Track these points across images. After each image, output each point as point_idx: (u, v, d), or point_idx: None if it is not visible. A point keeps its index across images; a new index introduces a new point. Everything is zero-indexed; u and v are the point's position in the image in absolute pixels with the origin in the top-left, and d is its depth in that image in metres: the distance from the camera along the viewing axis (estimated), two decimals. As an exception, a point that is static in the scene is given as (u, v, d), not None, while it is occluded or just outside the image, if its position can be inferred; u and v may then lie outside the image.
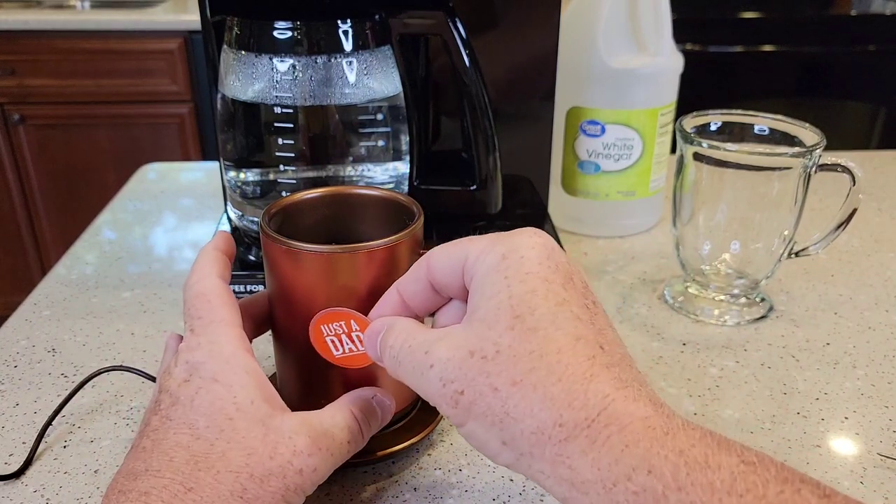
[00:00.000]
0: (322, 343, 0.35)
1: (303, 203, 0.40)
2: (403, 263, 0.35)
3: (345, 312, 0.34)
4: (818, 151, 0.50)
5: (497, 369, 0.26)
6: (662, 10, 0.63)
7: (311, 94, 0.51)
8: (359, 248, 0.34)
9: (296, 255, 0.34)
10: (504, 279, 0.28)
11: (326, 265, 0.34)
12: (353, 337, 0.35)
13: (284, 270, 0.35)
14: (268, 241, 0.35)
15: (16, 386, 0.48)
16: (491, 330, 0.27)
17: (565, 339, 0.26)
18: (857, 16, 1.66)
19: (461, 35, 0.51)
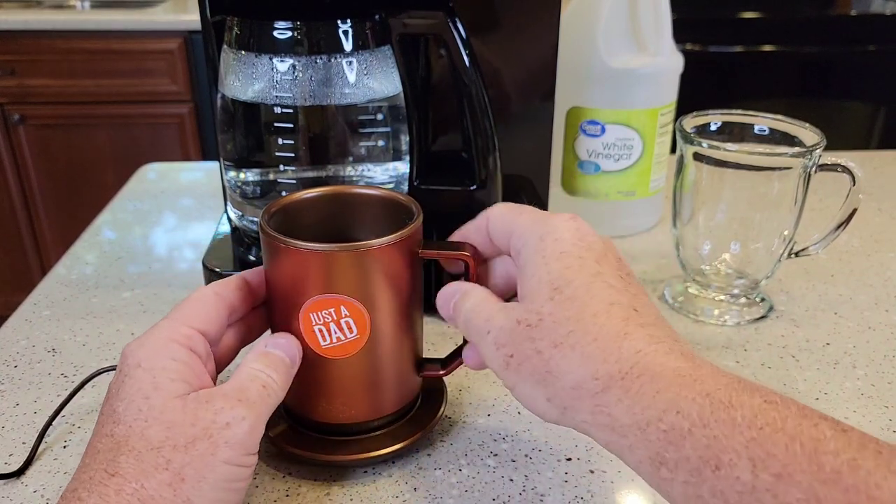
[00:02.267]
0: (310, 332, 0.35)
1: (303, 202, 0.40)
2: (402, 263, 0.36)
3: (335, 298, 0.35)
4: (818, 151, 0.50)
5: (540, 335, 0.30)
6: (662, 10, 0.63)
7: (311, 94, 0.51)
8: (357, 247, 0.34)
9: (294, 254, 0.34)
10: (542, 258, 0.31)
11: (325, 263, 0.34)
12: (343, 324, 0.35)
13: (283, 268, 0.35)
14: (267, 240, 0.35)
15: (16, 386, 0.48)
16: (534, 303, 0.30)
17: (600, 304, 0.29)
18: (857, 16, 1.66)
19: (461, 35, 0.51)
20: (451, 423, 0.45)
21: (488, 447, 0.43)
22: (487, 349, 0.32)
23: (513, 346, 0.30)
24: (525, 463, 0.42)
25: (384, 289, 0.36)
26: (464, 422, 0.45)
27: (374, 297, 0.35)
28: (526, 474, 0.41)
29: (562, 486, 0.40)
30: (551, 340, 0.29)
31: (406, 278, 0.37)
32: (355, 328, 0.35)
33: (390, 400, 0.40)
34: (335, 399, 0.38)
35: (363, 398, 0.39)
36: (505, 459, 0.42)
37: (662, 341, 0.28)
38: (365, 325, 0.36)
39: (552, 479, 0.41)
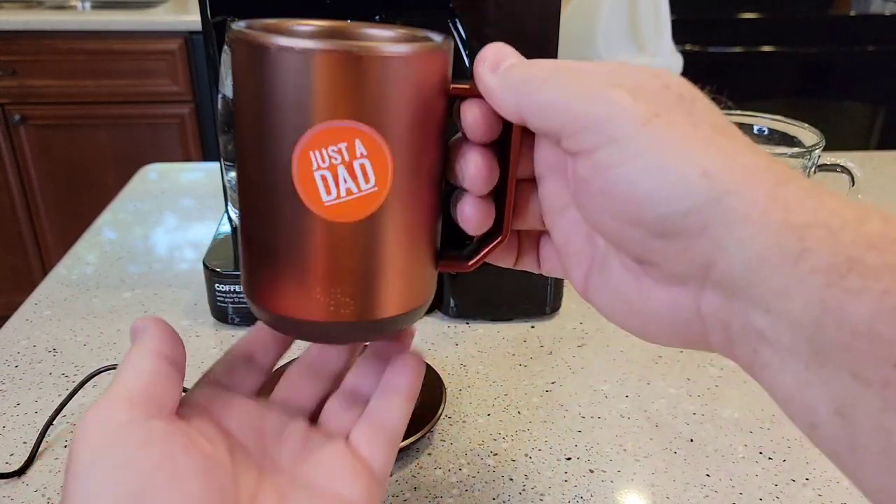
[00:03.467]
0: (308, 181, 0.25)
1: (293, 31, 0.29)
2: (433, 89, 0.26)
3: (350, 127, 0.25)
4: (817, 152, 0.50)
5: (697, 110, 0.23)
6: (662, 11, 0.63)
7: (312, 95, 0.51)
8: (384, 51, 0.24)
9: (291, 56, 0.24)
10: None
11: (339, 70, 0.24)
12: (356, 169, 0.25)
13: (271, 85, 0.25)
14: (244, 44, 0.25)
15: (17, 386, 0.48)
16: (676, 77, 0.25)
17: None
18: (857, 16, 1.66)
19: (461, 36, 0.51)
20: (450, 423, 0.45)
21: (488, 447, 0.43)
22: (613, 97, 0.23)
23: (659, 105, 0.23)
24: (525, 462, 0.42)
25: (412, 121, 0.26)
26: (464, 421, 0.45)
27: (401, 130, 0.26)
28: (526, 474, 0.41)
29: (561, 485, 0.40)
30: (710, 123, 0.23)
31: (436, 114, 0.27)
32: (373, 176, 0.25)
33: (403, 294, 0.28)
34: (332, 284, 0.27)
35: (371, 286, 0.27)
36: (505, 459, 0.42)
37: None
38: (386, 173, 0.25)
39: (552, 479, 0.41)
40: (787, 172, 0.22)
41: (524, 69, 0.26)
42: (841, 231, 0.20)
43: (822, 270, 0.20)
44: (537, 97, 0.25)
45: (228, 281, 0.53)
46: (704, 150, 0.22)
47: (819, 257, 0.20)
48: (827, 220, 0.20)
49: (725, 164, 0.22)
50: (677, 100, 0.23)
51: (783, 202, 0.21)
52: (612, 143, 0.23)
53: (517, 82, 0.25)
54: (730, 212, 0.21)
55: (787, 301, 0.20)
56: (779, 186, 0.21)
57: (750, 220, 0.21)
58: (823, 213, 0.20)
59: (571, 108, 0.24)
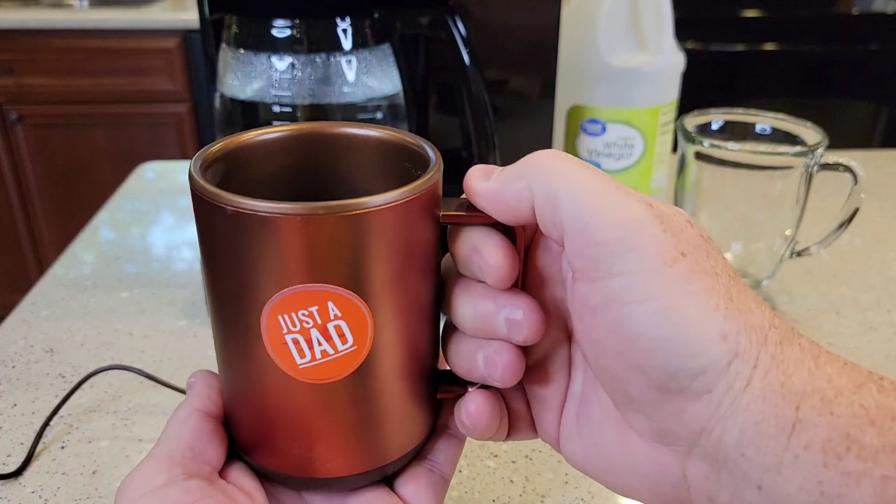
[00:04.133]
0: (279, 345, 0.23)
1: (258, 146, 0.27)
2: (418, 231, 0.24)
3: (320, 290, 0.22)
4: (820, 151, 0.50)
5: (715, 255, 0.21)
6: (664, 8, 0.63)
7: (310, 93, 0.50)
8: (354, 207, 0.22)
9: (253, 221, 0.22)
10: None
11: (304, 234, 0.22)
12: (331, 330, 0.23)
13: (234, 246, 0.23)
14: (204, 200, 0.23)
15: (14, 386, 0.48)
16: (689, 216, 0.23)
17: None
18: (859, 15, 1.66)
19: (461, 33, 0.51)
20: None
21: (489, 448, 0.43)
22: (642, 220, 0.21)
23: (686, 244, 0.21)
24: (525, 464, 0.41)
25: (394, 273, 0.23)
26: (464, 422, 0.45)
27: (380, 285, 0.23)
28: (526, 475, 0.41)
29: (562, 487, 0.40)
30: (725, 269, 0.21)
31: (422, 254, 0.24)
32: (350, 336, 0.23)
33: (399, 439, 0.26)
34: (317, 444, 0.25)
35: (360, 442, 0.25)
36: (505, 460, 0.42)
37: None
38: (365, 331, 0.23)
39: (552, 481, 0.40)
40: (788, 329, 0.21)
41: (524, 164, 0.23)
42: (836, 401, 0.19)
43: (817, 448, 0.18)
44: (553, 182, 0.22)
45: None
46: (725, 308, 0.20)
47: (815, 431, 0.19)
48: (822, 388, 0.19)
49: (742, 323, 0.20)
50: (700, 239, 0.21)
51: (783, 366, 0.20)
52: (631, 274, 0.20)
53: (523, 169, 0.23)
54: (736, 378, 0.20)
55: (780, 479, 0.19)
56: (781, 346, 0.20)
57: (751, 387, 0.20)
58: (819, 379, 0.19)
59: (593, 213, 0.21)
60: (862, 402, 0.19)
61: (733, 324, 0.20)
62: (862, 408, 0.18)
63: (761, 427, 0.19)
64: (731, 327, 0.20)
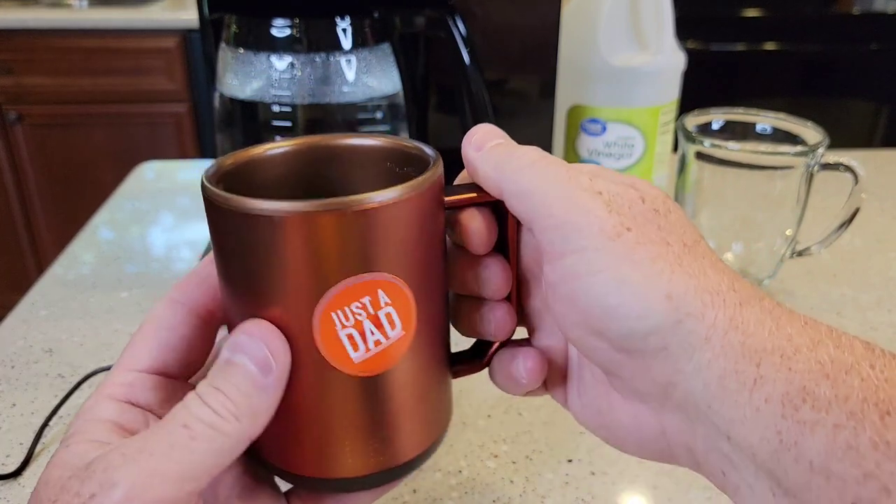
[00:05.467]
0: (333, 343, 0.23)
1: (266, 160, 0.28)
2: (434, 217, 0.25)
3: (372, 280, 0.23)
4: (820, 150, 0.50)
5: (669, 227, 0.23)
6: (664, 8, 0.63)
7: (310, 93, 0.50)
8: (388, 199, 0.23)
9: (299, 222, 0.22)
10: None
11: (353, 229, 0.22)
12: (382, 319, 0.23)
13: (278, 253, 0.23)
14: (218, 207, 0.23)
15: (13, 386, 0.48)
16: (653, 189, 0.25)
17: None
18: (860, 14, 1.66)
19: (461, 33, 0.51)
20: (450, 425, 0.44)
21: (489, 448, 0.43)
22: (588, 205, 0.23)
23: (632, 220, 0.23)
24: (526, 464, 0.41)
25: (423, 253, 0.25)
26: (464, 423, 0.45)
27: (416, 269, 0.24)
28: (526, 476, 0.41)
29: (563, 487, 0.40)
30: (680, 238, 0.23)
31: (439, 239, 0.26)
32: (399, 321, 0.24)
33: (432, 426, 0.27)
34: (371, 438, 0.25)
35: (404, 428, 0.26)
36: (505, 461, 0.42)
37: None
38: (411, 314, 0.24)
39: (553, 481, 0.40)
40: (749, 292, 0.22)
41: (508, 149, 0.26)
42: (794, 357, 0.20)
43: (776, 400, 0.20)
44: (517, 178, 0.24)
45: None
46: (670, 272, 0.22)
47: (774, 385, 0.20)
48: (782, 346, 0.20)
49: (690, 285, 0.22)
50: (652, 214, 0.23)
51: (743, 326, 0.21)
52: (580, 251, 0.23)
53: (500, 160, 0.25)
54: (690, 335, 0.21)
55: (745, 430, 0.20)
56: (740, 308, 0.22)
57: (709, 344, 0.21)
58: (779, 338, 0.21)
59: (546, 203, 0.24)
60: (818, 358, 0.20)
61: (679, 286, 0.22)
62: (818, 363, 0.20)
63: (724, 382, 0.21)
64: (677, 289, 0.22)
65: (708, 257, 0.23)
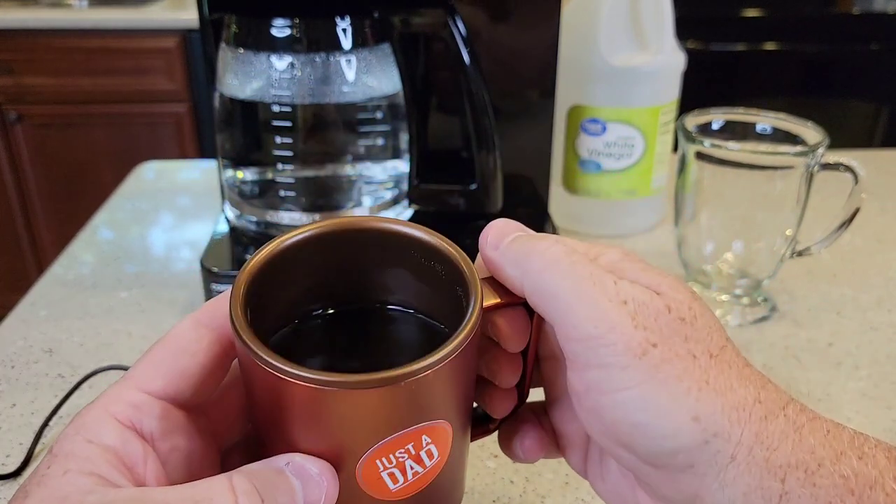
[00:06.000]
0: (375, 481, 0.24)
1: (286, 253, 0.26)
2: (473, 354, 0.25)
3: (415, 431, 0.24)
4: (821, 150, 0.50)
5: (696, 336, 0.23)
6: (664, 8, 0.63)
7: (310, 93, 0.50)
8: (438, 361, 0.22)
9: (347, 397, 0.22)
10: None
11: (399, 396, 0.23)
12: (423, 456, 0.24)
13: (324, 417, 0.23)
14: (255, 363, 0.22)
15: (13, 386, 0.48)
16: (679, 292, 0.24)
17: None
18: (860, 14, 1.66)
19: (461, 33, 0.51)
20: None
21: (489, 448, 0.42)
22: (614, 318, 0.22)
23: (658, 333, 0.22)
24: (525, 464, 0.41)
25: (464, 391, 0.26)
26: (464, 423, 0.45)
27: (458, 409, 0.25)
28: (526, 476, 0.41)
29: (562, 488, 0.40)
30: (706, 348, 0.23)
31: (475, 370, 0.27)
32: (437, 453, 0.25)
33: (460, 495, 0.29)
34: None
35: None
36: (505, 461, 0.42)
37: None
38: (448, 443, 0.25)
39: (553, 482, 0.40)
40: (774, 401, 0.22)
41: (527, 242, 0.25)
42: (818, 472, 0.21)
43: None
44: (539, 279, 0.24)
45: (226, 281, 0.52)
46: (697, 390, 0.22)
47: (799, 502, 0.21)
48: (805, 461, 0.21)
49: (717, 405, 0.22)
50: (678, 324, 0.23)
51: (767, 441, 0.21)
52: (606, 367, 0.22)
53: (519, 256, 0.25)
54: (717, 455, 0.22)
55: None
56: (765, 421, 0.22)
57: (735, 462, 0.22)
58: (803, 451, 0.21)
59: (570, 313, 0.23)
60: (842, 472, 0.21)
61: (707, 406, 0.22)
62: (842, 478, 0.20)
63: (749, 498, 0.21)
64: (705, 409, 0.22)
65: (735, 366, 0.23)
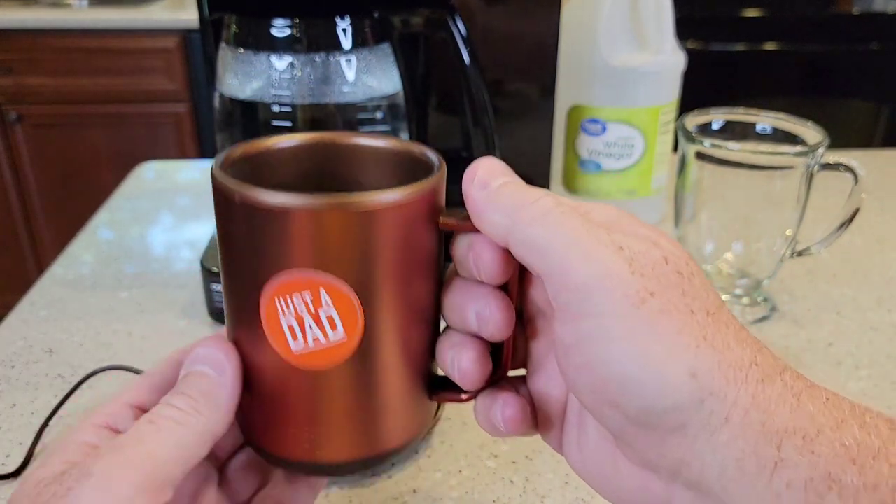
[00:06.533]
0: (276, 329, 0.25)
1: (276, 152, 0.29)
2: (416, 233, 0.25)
3: (313, 277, 0.24)
4: (821, 150, 0.50)
5: (693, 292, 0.22)
6: (664, 8, 0.63)
7: (310, 93, 0.50)
8: (354, 204, 0.23)
9: (257, 208, 0.23)
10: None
11: (302, 223, 0.23)
12: (323, 318, 0.24)
13: (240, 230, 0.24)
14: (219, 191, 0.25)
15: (13, 386, 0.48)
16: (676, 247, 0.23)
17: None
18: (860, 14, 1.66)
19: (461, 33, 0.51)
20: (450, 425, 0.44)
21: (488, 448, 0.43)
22: (611, 264, 0.21)
23: (656, 282, 0.21)
24: (525, 464, 0.41)
25: (388, 270, 0.25)
26: (464, 422, 0.44)
27: (372, 280, 0.24)
28: (526, 476, 0.41)
29: (562, 487, 0.40)
30: (703, 305, 0.21)
31: (420, 257, 0.26)
32: (340, 326, 0.25)
33: (390, 432, 0.28)
34: (309, 429, 0.26)
35: (349, 429, 0.27)
36: (505, 461, 0.42)
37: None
38: (355, 322, 0.25)
39: (552, 481, 0.40)
40: (771, 364, 0.21)
41: (517, 191, 0.23)
42: (817, 440, 0.19)
43: (799, 486, 0.19)
44: (528, 231, 0.22)
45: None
46: (695, 346, 0.21)
47: (796, 470, 0.19)
48: (804, 426, 0.19)
49: (714, 362, 0.20)
50: (676, 277, 0.22)
51: (764, 405, 0.20)
52: (599, 317, 0.21)
53: (508, 205, 0.23)
54: (711, 415, 0.20)
55: None
56: (762, 384, 0.20)
57: (729, 424, 0.20)
58: (801, 417, 0.20)
59: (564, 261, 0.22)
60: (843, 441, 0.19)
61: (705, 362, 0.20)
62: (843, 446, 0.19)
63: (742, 464, 0.20)
64: (703, 366, 0.20)
65: (731, 327, 0.22)
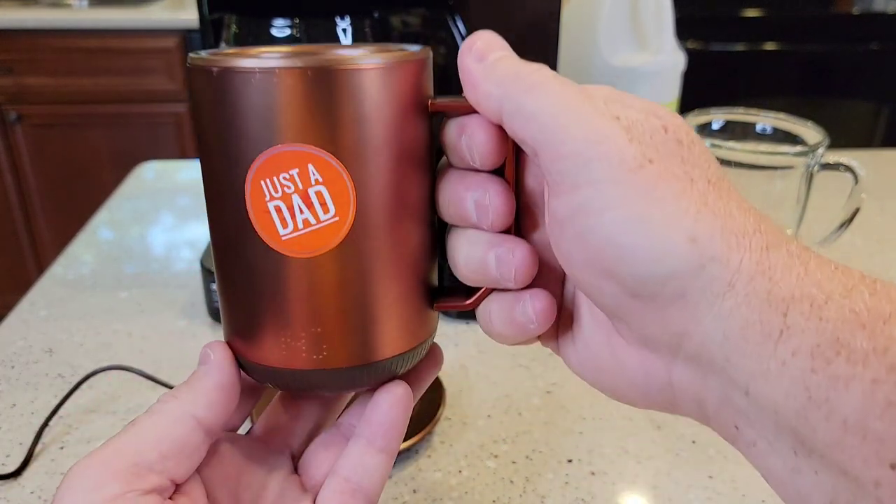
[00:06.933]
0: (262, 213, 0.23)
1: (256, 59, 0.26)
2: (406, 108, 0.23)
3: (301, 151, 0.22)
4: (821, 150, 0.50)
5: (693, 160, 0.21)
6: (664, 8, 0.63)
7: (310, 93, 0.50)
8: (341, 64, 0.22)
9: (235, 79, 0.22)
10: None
11: (285, 90, 0.22)
12: (312, 197, 0.23)
13: (220, 110, 0.23)
14: (196, 74, 0.23)
15: (13, 386, 0.48)
16: (676, 118, 0.22)
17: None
18: (860, 14, 1.66)
19: (461, 33, 0.51)
20: (450, 425, 0.44)
21: (488, 449, 0.43)
22: (607, 130, 0.20)
23: (654, 150, 0.21)
24: (525, 464, 0.41)
25: (378, 144, 0.23)
26: (464, 423, 0.45)
27: (363, 155, 0.23)
28: (526, 476, 0.41)
29: (562, 487, 0.40)
30: (704, 173, 0.21)
31: (410, 136, 0.24)
32: (332, 205, 0.23)
33: (390, 335, 0.25)
34: (302, 328, 0.24)
35: (345, 327, 0.24)
36: (505, 461, 0.42)
37: None
38: (347, 201, 0.23)
39: (552, 481, 0.40)
40: (776, 234, 0.20)
41: (514, 64, 0.23)
42: (826, 307, 0.18)
43: (805, 353, 0.18)
44: (523, 99, 0.22)
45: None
46: (696, 211, 0.20)
47: (802, 337, 0.18)
48: (812, 293, 0.19)
49: (716, 226, 0.20)
50: (675, 145, 0.21)
51: (770, 272, 0.19)
52: (595, 184, 0.20)
53: (504, 76, 0.22)
54: (713, 281, 0.19)
55: (768, 386, 0.19)
56: (767, 251, 0.20)
57: (733, 291, 0.19)
58: (809, 285, 0.19)
59: (559, 128, 0.21)
60: (853, 307, 0.18)
61: (705, 227, 0.20)
62: (853, 312, 0.18)
63: (746, 332, 0.19)
64: (703, 231, 0.19)
65: (733, 196, 0.21)
